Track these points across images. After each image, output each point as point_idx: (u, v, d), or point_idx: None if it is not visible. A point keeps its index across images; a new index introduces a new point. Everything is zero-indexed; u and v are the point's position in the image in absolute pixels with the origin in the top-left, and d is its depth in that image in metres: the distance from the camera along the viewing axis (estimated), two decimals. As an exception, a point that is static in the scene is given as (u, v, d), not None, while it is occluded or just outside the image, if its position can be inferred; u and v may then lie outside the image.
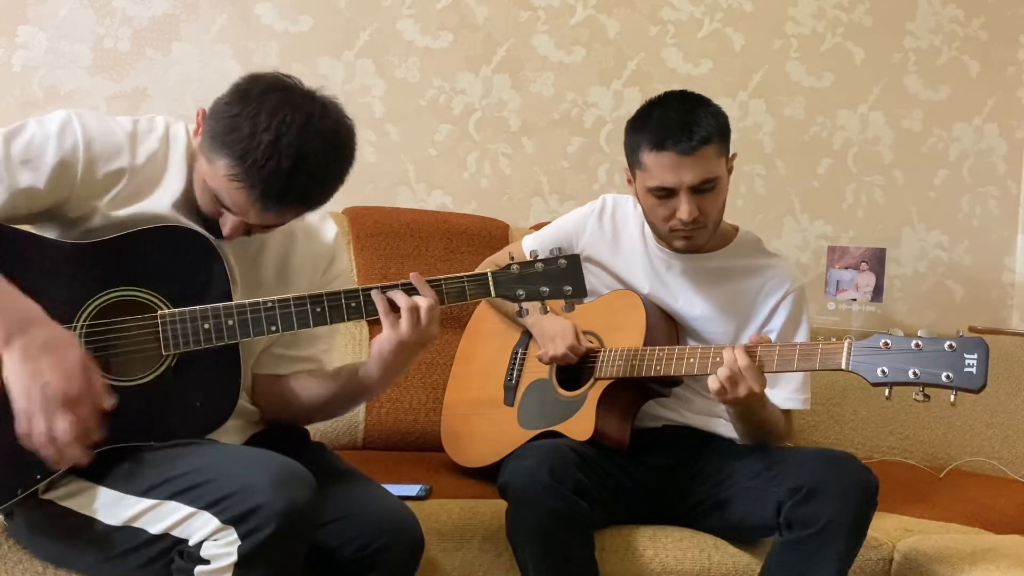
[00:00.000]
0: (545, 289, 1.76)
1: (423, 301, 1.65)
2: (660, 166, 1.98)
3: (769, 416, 2.02)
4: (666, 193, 2.00)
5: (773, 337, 2.08)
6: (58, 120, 1.60)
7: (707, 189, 1.99)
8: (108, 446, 1.58)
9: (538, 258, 1.76)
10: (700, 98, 2.04)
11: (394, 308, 1.66)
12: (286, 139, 1.51)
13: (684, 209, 1.98)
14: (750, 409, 1.96)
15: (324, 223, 1.86)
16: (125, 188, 1.63)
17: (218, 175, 1.55)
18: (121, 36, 2.86)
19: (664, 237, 2.09)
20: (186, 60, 2.88)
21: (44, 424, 1.43)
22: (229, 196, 1.57)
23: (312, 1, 2.95)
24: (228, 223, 1.61)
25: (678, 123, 1.96)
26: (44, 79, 2.83)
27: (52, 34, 2.82)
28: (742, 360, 1.83)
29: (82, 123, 1.61)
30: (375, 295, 1.66)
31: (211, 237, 1.66)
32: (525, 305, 1.78)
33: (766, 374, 1.86)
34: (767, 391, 1.95)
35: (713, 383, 1.86)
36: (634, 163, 2.04)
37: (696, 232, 2.04)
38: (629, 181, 2.09)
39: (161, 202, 1.65)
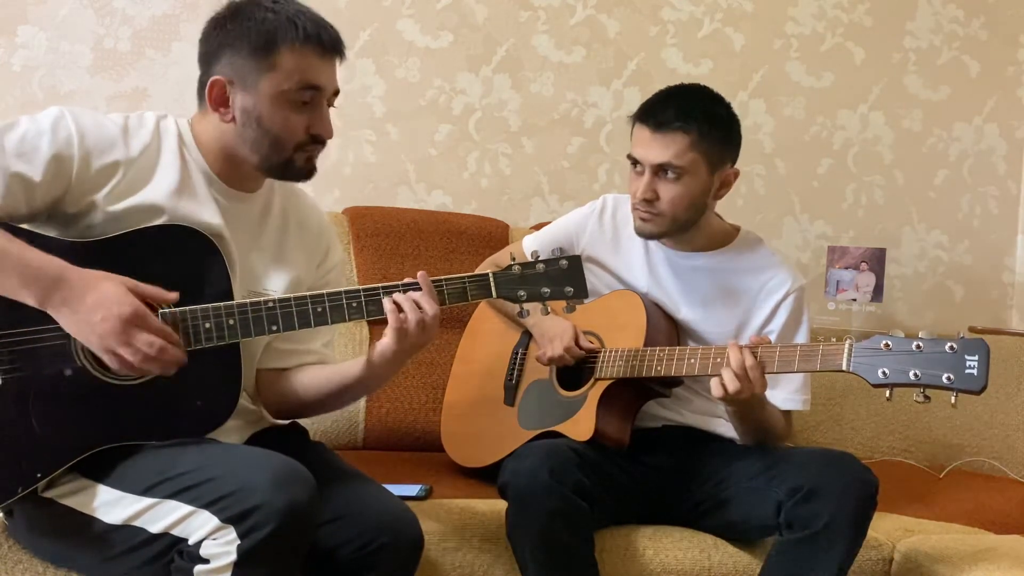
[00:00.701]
0: (546, 290, 1.76)
1: (429, 309, 1.66)
2: (636, 136, 2.04)
3: (768, 416, 2.02)
4: (637, 167, 2.04)
5: (773, 338, 2.08)
6: (51, 116, 1.62)
7: (667, 175, 2.00)
8: (108, 444, 1.58)
9: (539, 259, 1.77)
10: (711, 97, 2.07)
11: (399, 308, 1.67)
12: (286, 1, 1.69)
13: (640, 187, 2.02)
14: (749, 409, 1.96)
15: (316, 211, 1.90)
16: (121, 181, 1.64)
17: (289, 62, 1.64)
18: (121, 36, 2.86)
19: (632, 213, 2.11)
20: (186, 60, 2.87)
21: (126, 349, 1.49)
22: (309, 67, 1.66)
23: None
24: (321, 117, 1.69)
25: (668, 106, 2.01)
26: (44, 79, 2.83)
27: (52, 34, 2.82)
28: (749, 361, 1.83)
29: (75, 118, 1.63)
30: (385, 302, 1.67)
31: (209, 234, 1.66)
32: (526, 306, 1.78)
33: (766, 375, 1.86)
34: (767, 391, 1.95)
35: (716, 384, 1.86)
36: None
37: (652, 217, 2.05)
38: None
39: (157, 192, 1.66)
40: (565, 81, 3.08)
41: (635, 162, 2.05)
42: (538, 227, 2.49)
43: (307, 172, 1.73)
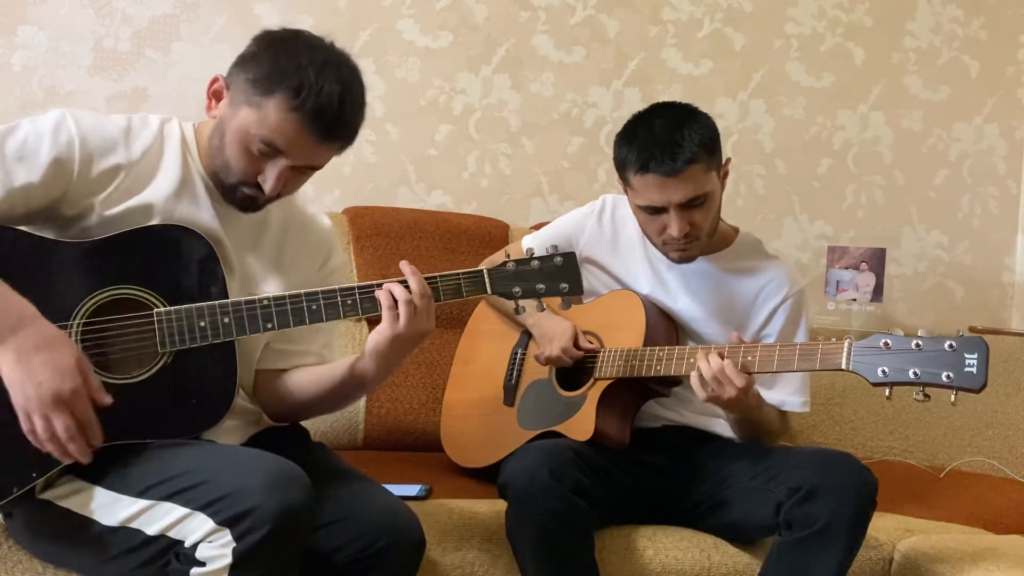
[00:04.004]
0: (541, 286, 1.76)
1: (416, 286, 1.66)
2: (646, 186, 1.98)
3: (764, 416, 2.02)
4: (656, 211, 2.00)
5: (771, 341, 2.08)
6: (52, 118, 1.62)
7: (696, 205, 1.99)
8: (104, 444, 1.58)
9: (534, 256, 1.76)
10: (686, 112, 2.02)
11: (389, 292, 1.66)
12: (329, 70, 1.61)
13: (675, 226, 1.99)
14: (745, 408, 1.95)
15: (318, 216, 1.88)
16: (122, 184, 1.64)
17: (270, 115, 1.59)
18: (121, 36, 2.86)
19: (660, 249, 2.09)
20: (186, 60, 2.88)
21: (42, 423, 1.46)
22: (283, 132, 1.59)
23: (312, 1, 2.95)
24: (273, 174, 1.63)
25: (661, 144, 1.94)
26: (44, 79, 2.82)
27: (52, 34, 2.82)
28: (729, 369, 1.83)
29: (76, 121, 1.62)
30: (377, 292, 1.66)
31: (208, 232, 1.66)
32: (522, 303, 1.78)
33: (766, 374, 1.85)
34: (766, 392, 1.94)
35: (696, 384, 1.87)
36: (623, 179, 2.04)
37: (690, 244, 2.04)
38: (624, 189, 2.10)
39: (156, 194, 1.66)
40: (565, 81, 3.08)
41: (651, 208, 2.00)
42: (538, 227, 2.49)
43: (244, 207, 1.69)
